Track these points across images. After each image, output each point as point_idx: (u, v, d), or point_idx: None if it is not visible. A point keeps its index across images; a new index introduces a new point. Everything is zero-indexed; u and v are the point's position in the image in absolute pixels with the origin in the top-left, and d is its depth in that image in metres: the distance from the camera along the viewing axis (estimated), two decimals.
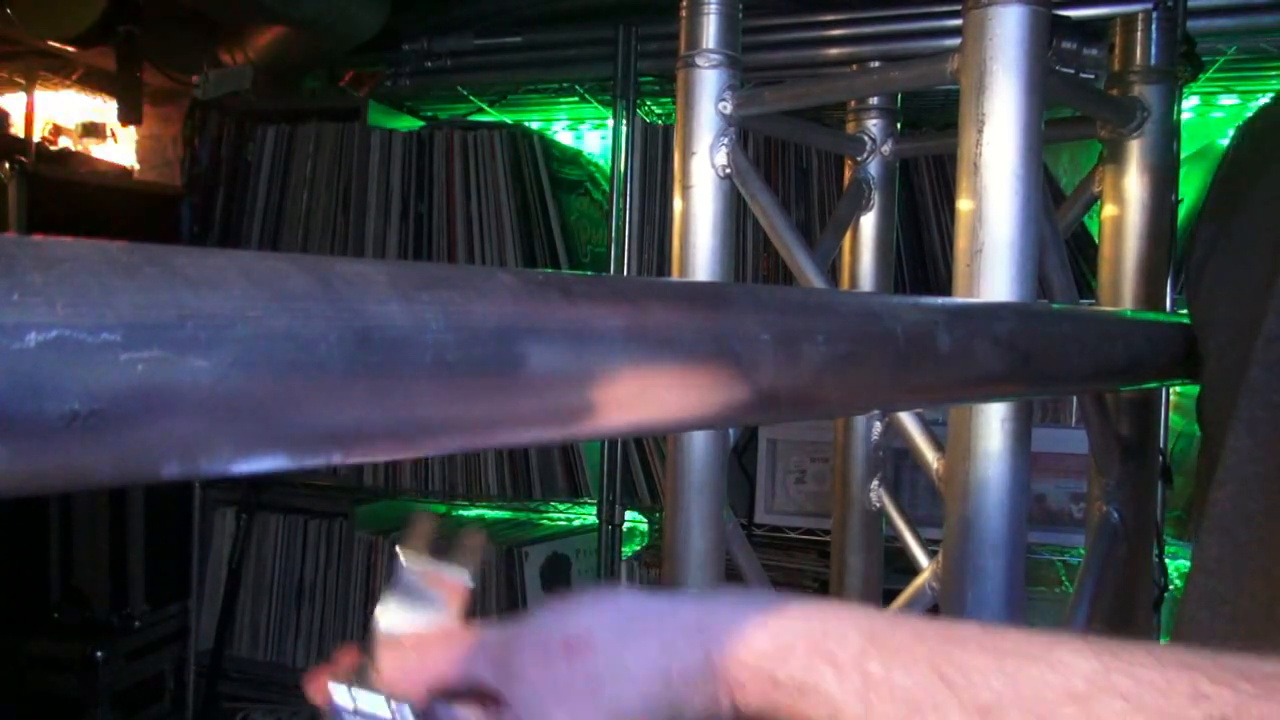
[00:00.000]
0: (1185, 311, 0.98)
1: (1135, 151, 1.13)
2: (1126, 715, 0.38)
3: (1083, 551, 1.41)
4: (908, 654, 0.44)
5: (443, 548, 0.55)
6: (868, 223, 1.33)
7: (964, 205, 0.89)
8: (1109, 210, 1.16)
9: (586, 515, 2.38)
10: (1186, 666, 0.39)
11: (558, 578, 2.30)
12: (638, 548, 2.32)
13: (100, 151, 2.92)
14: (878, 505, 1.33)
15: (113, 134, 2.95)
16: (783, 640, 0.46)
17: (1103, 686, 0.39)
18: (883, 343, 0.55)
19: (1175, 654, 0.40)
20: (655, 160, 2.22)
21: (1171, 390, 1.71)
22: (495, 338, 0.38)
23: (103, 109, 2.89)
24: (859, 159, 1.33)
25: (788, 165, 2.19)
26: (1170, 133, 1.15)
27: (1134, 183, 1.13)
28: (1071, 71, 1.10)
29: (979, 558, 0.88)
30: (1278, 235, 0.77)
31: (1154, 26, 1.14)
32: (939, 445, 1.00)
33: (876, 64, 1.55)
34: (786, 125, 1.26)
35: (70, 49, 2.35)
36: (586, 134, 2.68)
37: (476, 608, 0.49)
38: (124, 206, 2.59)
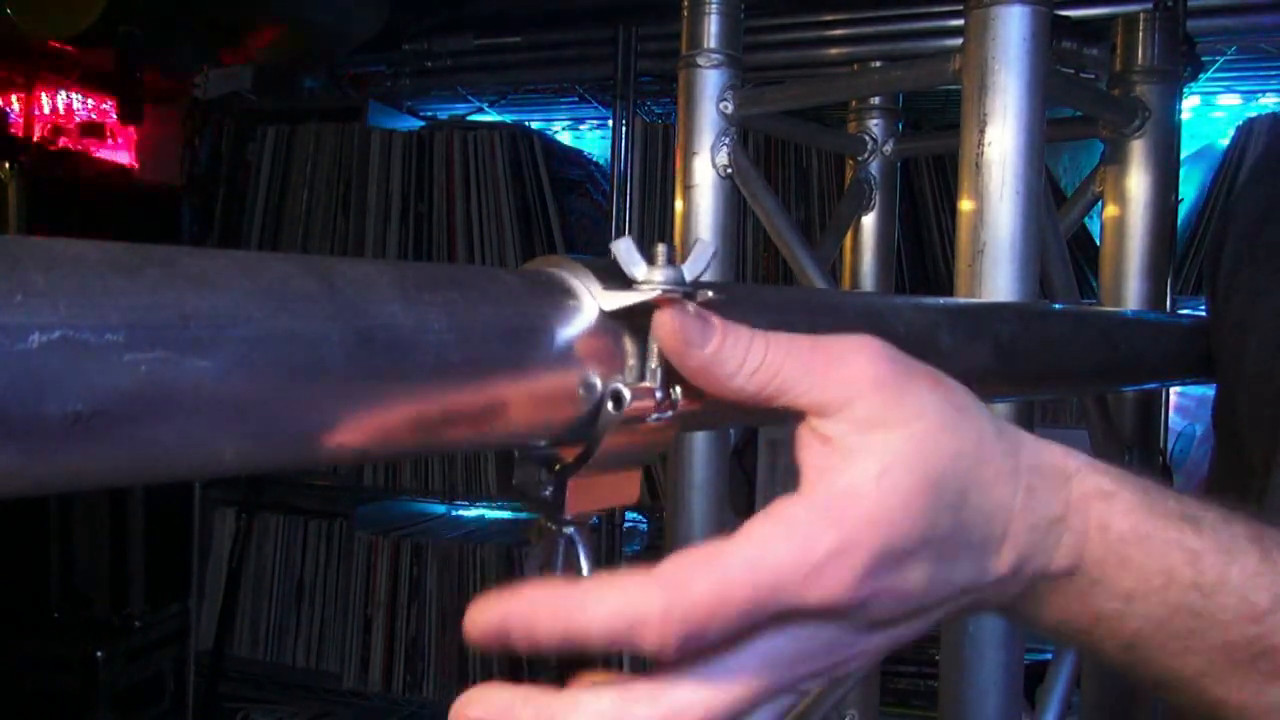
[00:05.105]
0: (1187, 312, 0.98)
1: (1137, 151, 1.13)
2: None
3: None
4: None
5: None
6: (869, 223, 1.33)
7: (966, 205, 0.88)
8: (1110, 210, 1.16)
9: None
10: None
11: None
12: (638, 548, 2.31)
13: (100, 151, 2.92)
14: None
15: (113, 134, 2.94)
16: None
17: None
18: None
19: None
20: (655, 160, 2.22)
21: (1171, 390, 1.71)
22: (498, 338, 0.38)
23: (103, 109, 2.89)
24: (860, 159, 1.33)
25: (787, 165, 2.19)
26: (1172, 133, 1.14)
27: (1136, 183, 1.13)
28: (1072, 71, 1.10)
29: None
30: None
31: (1155, 26, 1.14)
32: None
33: (878, 64, 1.54)
34: (788, 125, 1.26)
35: (70, 49, 2.35)
36: (586, 134, 2.68)
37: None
38: (124, 206, 2.59)
